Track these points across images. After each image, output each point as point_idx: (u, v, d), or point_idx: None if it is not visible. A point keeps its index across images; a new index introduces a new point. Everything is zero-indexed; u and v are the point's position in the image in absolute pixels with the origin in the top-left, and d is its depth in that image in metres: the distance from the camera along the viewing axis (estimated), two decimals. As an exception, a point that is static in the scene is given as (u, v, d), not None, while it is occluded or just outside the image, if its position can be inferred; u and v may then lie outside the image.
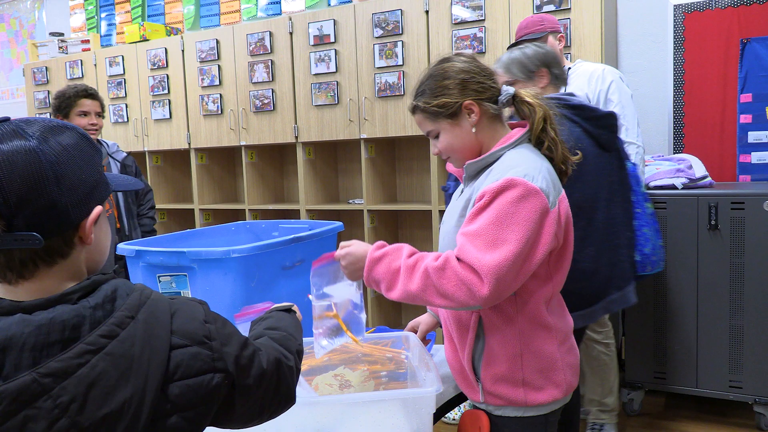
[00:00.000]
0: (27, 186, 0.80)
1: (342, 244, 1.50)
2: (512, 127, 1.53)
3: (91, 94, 2.99)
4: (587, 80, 2.77)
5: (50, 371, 0.75)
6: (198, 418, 0.86)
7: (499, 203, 1.32)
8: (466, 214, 1.44)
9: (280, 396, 1.02)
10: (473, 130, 1.46)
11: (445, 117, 1.46)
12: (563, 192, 1.46)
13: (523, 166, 1.37)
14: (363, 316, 1.56)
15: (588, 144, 2.00)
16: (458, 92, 1.44)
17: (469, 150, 1.49)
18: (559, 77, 2.17)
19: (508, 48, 2.83)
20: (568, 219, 1.45)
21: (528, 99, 1.47)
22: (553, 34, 2.78)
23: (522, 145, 1.46)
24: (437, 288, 1.31)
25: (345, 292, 1.52)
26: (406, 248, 1.41)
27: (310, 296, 1.51)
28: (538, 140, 1.48)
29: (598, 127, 2.05)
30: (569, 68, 2.84)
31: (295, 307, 1.32)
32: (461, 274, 1.29)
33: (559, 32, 2.82)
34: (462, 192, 1.55)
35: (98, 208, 0.88)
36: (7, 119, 0.85)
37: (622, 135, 2.65)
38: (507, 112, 1.54)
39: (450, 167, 1.61)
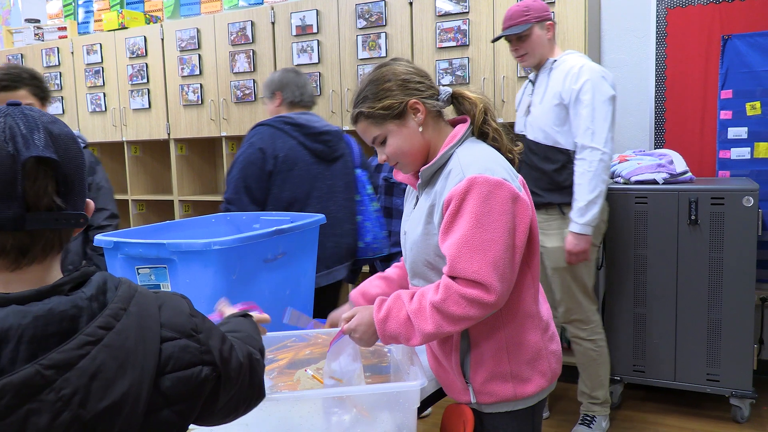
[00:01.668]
0: (74, 168, 0.83)
1: (344, 317, 1.49)
2: (452, 123, 1.54)
3: (2, 87, 2.13)
4: (563, 78, 2.63)
5: (53, 363, 0.72)
6: (187, 411, 0.85)
7: (470, 206, 1.33)
8: (432, 220, 1.44)
9: (254, 390, 1.02)
10: (420, 129, 1.46)
11: (391, 119, 1.45)
12: (520, 175, 1.48)
13: (480, 161, 1.38)
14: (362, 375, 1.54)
15: (302, 153, 2.55)
16: (401, 93, 1.45)
17: (418, 151, 1.48)
18: (294, 101, 2.66)
19: (492, 41, 2.90)
20: (531, 200, 1.46)
21: (468, 95, 1.50)
22: (539, 24, 2.64)
23: (468, 140, 1.48)
24: (450, 318, 1.33)
25: (349, 364, 1.50)
26: (404, 294, 1.42)
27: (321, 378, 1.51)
28: (482, 133, 1.50)
29: (315, 141, 2.58)
30: (555, 60, 2.70)
31: (255, 315, 1.30)
32: (464, 292, 1.31)
33: (547, 20, 2.66)
34: (417, 200, 1.54)
35: (91, 202, 0.91)
36: (18, 103, 0.84)
37: (587, 139, 2.56)
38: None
39: (399, 176, 1.59)
